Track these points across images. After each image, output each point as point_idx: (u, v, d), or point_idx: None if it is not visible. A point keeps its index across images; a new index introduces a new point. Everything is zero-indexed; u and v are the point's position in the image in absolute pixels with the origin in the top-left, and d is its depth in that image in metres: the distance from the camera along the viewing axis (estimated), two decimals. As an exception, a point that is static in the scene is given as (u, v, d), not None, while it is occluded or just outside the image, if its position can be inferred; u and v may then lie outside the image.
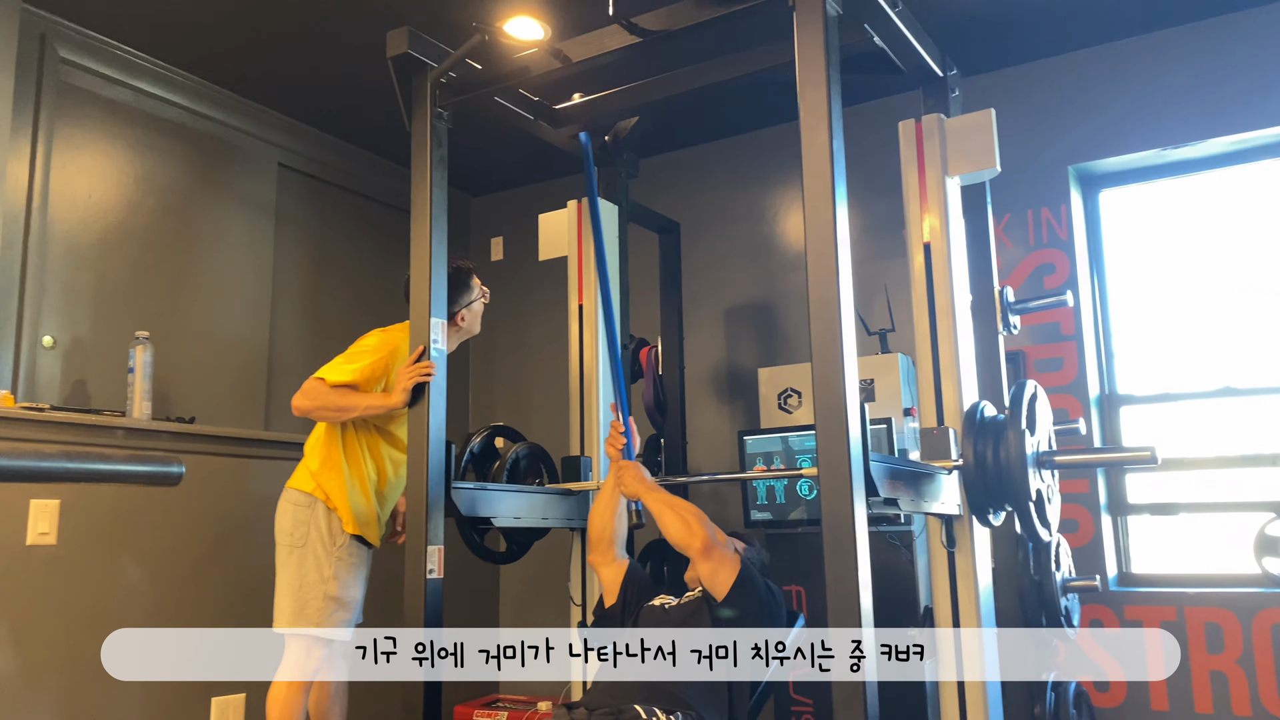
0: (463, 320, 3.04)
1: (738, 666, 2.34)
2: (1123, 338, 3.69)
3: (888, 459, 2.14)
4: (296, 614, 2.77)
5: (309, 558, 2.80)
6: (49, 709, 2.88)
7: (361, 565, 2.89)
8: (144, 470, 1.57)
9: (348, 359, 2.85)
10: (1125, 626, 3.32)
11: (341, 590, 2.81)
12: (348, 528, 2.82)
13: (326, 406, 2.80)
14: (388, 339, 2.91)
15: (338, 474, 2.84)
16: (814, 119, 2.05)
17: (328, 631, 2.78)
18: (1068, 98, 3.64)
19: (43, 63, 3.17)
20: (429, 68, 2.66)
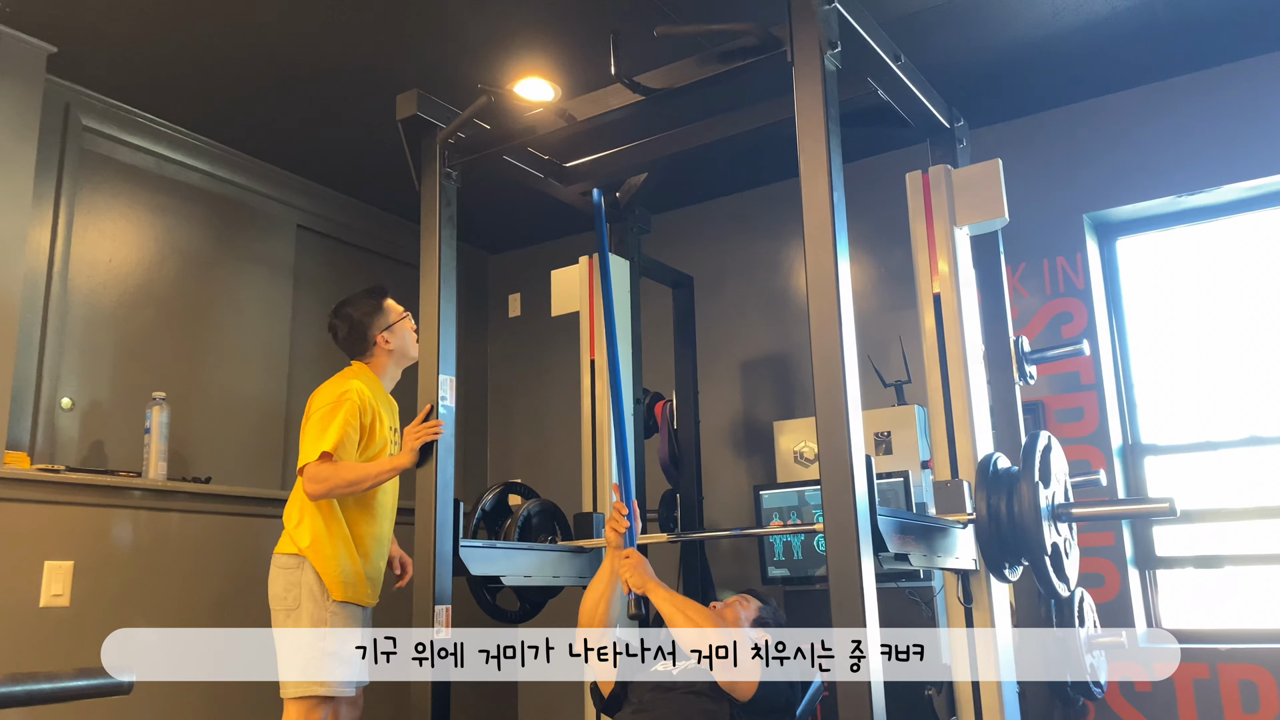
0: (387, 344, 2.98)
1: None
2: (1145, 387, 3.63)
3: (898, 513, 2.10)
4: (299, 677, 2.71)
5: (303, 619, 2.73)
6: (59, 773, 2.86)
7: (355, 622, 2.80)
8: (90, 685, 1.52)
9: (322, 426, 2.74)
10: (1156, 684, 3.22)
11: (339, 644, 2.74)
12: (335, 595, 2.74)
13: (339, 485, 2.71)
14: (339, 387, 2.83)
15: (318, 534, 2.76)
16: (814, 171, 2.05)
17: (330, 688, 2.72)
18: (1081, 146, 3.63)
19: (66, 131, 3.25)
20: (438, 129, 2.70)
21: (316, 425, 2.76)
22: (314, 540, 2.75)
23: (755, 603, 2.72)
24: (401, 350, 3.01)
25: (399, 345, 3.00)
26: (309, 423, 2.79)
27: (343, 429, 2.74)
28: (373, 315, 2.98)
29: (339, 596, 2.75)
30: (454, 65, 3.23)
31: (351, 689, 2.80)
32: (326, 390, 2.86)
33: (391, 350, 3.00)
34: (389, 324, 2.99)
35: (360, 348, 2.99)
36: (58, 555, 2.92)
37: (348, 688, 2.77)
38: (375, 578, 2.89)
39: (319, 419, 2.77)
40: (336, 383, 2.87)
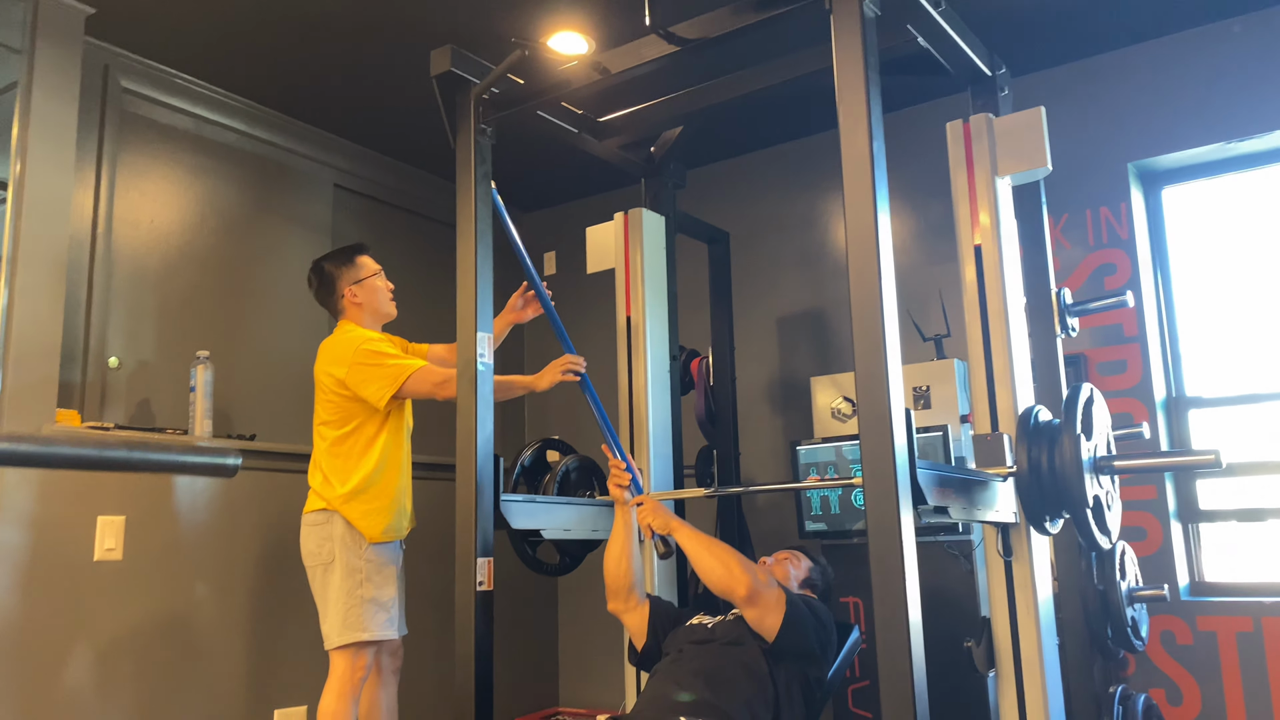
0: (355, 298, 3.00)
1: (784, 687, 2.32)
2: (1190, 339, 3.57)
3: (937, 465, 2.10)
4: (343, 628, 2.79)
5: (338, 570, 2.81)
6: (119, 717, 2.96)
7: (390, 565, 2.89)
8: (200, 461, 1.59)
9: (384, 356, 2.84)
10: (1198, 637, 3.20)
11: (376, 592, 2.83)
12: (371, 537, 2.82)
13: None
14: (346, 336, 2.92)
15: (344, 485, 2.83)
16: (853, 122, 2.03)
17: (371, 634, 2.81)
18: (1125, 94, 3.55)
19: (105, 93, 3.28)
20: (472, 84, 2.69)
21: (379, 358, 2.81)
22: (343, 491, 2.82)
23: (806, 561, 2.75)
24: (371, 306, 3.02)
25: (367, 300, 3.01)
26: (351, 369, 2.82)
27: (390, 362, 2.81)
28: (342, 269, 3.01)
29: (375, 538, 2.83)
30: (488, 20, 3.20)
31: (393, 632, 2.88)
32: (336, 346, 2.89)
33: (360, 304, 3.01)
34: (358, 278, 3.01)
35: (330, 302, 3.04)
36: (109, 510, 2.99)
37: (389, 630, 2.85)
38: (407, 506, 2.98)
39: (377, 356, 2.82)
40: (340, 337, 2.92)
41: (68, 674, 2.86)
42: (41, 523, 2.84)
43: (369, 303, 3.01)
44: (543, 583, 4.56)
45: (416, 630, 3.76)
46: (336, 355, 2.86)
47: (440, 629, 3.89)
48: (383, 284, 3.05)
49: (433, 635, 3.88)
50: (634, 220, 3.33)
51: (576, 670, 4.59)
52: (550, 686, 4.61)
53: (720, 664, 2.35)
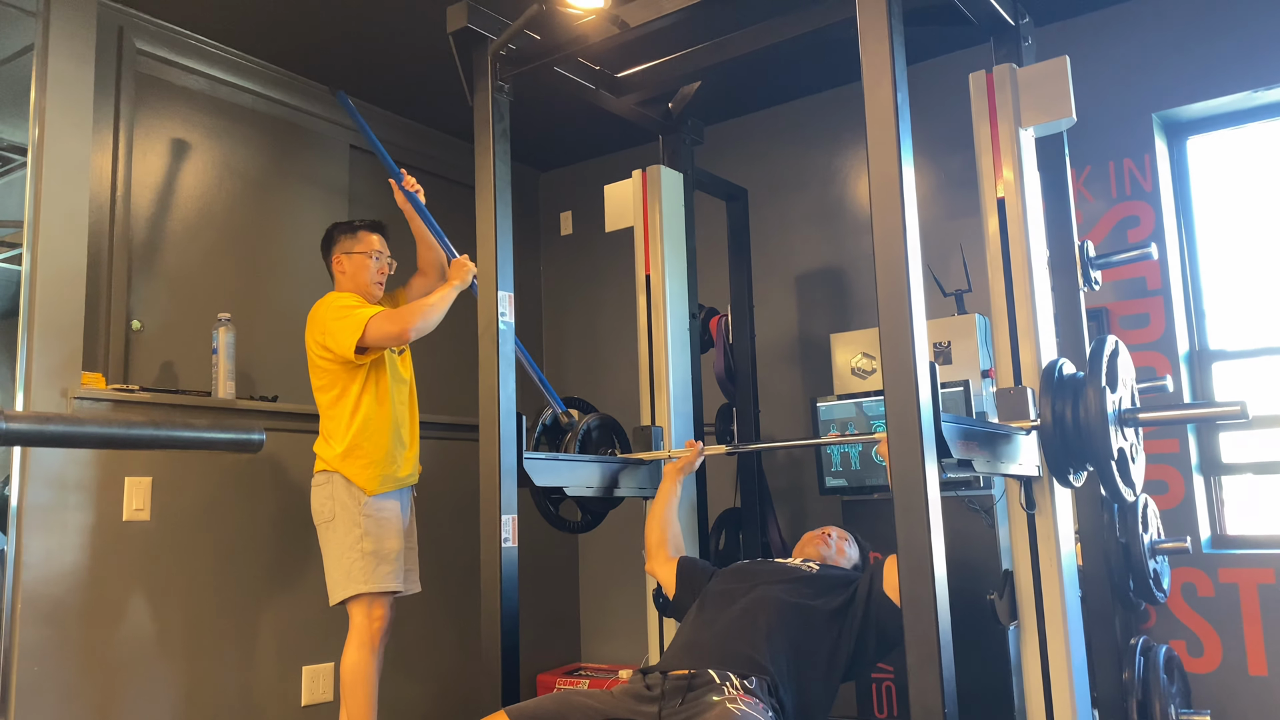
0: (340, 266, 3.10)
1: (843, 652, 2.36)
2: (1214, 291, 3.53)
3: (960, 419, 2.09)
4: (345, 581, 2.90)
5: (339, 527, 2.93)
6: (151, 676, 3.01)
7: (391, 518, 2.98)
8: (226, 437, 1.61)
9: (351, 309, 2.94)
10: (1219, 589, 3.21)
11: (375, 545, 2.92)
12: (371, 490, 2.93)
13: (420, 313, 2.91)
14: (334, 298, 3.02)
15: (339, 448, 2.95)
16: (877, 73, 2.00)
17: (379, 586, 2.90)
18: (1149, 42, 3.49)
19: (121, 55, 3.27)
20: (489, 41, 2.67)
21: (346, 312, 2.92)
22: (339, 449, 2.94)
23: (857, 547, 2.88)
24: (354, 278, 3.10)
25: (351, 272, 3.10)
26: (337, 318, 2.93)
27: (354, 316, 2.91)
28: (343, 236, 3.14)
29: (374, 490, 2.94)
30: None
31: (396, 584, 2.95)
32: (316, 313, 3.03)
33: (345, 274, 3.11)
34: (350, 250, 3.10)
35: (326, 264, 3.17)
36: (137, 472, 3.02)
37: (392, 582, 2.93)
38: (407, 455, 3.07)
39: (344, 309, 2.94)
40: (320, 303, 3.04)
41: (100, 634, 2.91)
42: (71, 484, 2.88)
43: (352, 274, 3.10)
44: (563, 541, 4.60)
45: (440, 589, 3.81)
46: (315, 321, 3.00)
47: (462, 589, 3.94)
48: (374, 264, 3.12)
49: (456, 591, 3.93)
50: (652, 178, 3.31)
51: (598, 626, 4.64)
52: (572, 642, 4.66)
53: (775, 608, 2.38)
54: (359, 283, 3.11)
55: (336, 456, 2.95)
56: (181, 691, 3.09)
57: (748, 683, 2.13)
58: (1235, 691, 3.14)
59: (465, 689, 3.97)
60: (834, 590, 2.46)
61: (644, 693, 2.18)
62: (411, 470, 3.11)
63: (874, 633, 2.35)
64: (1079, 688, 2.33)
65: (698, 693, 2.12)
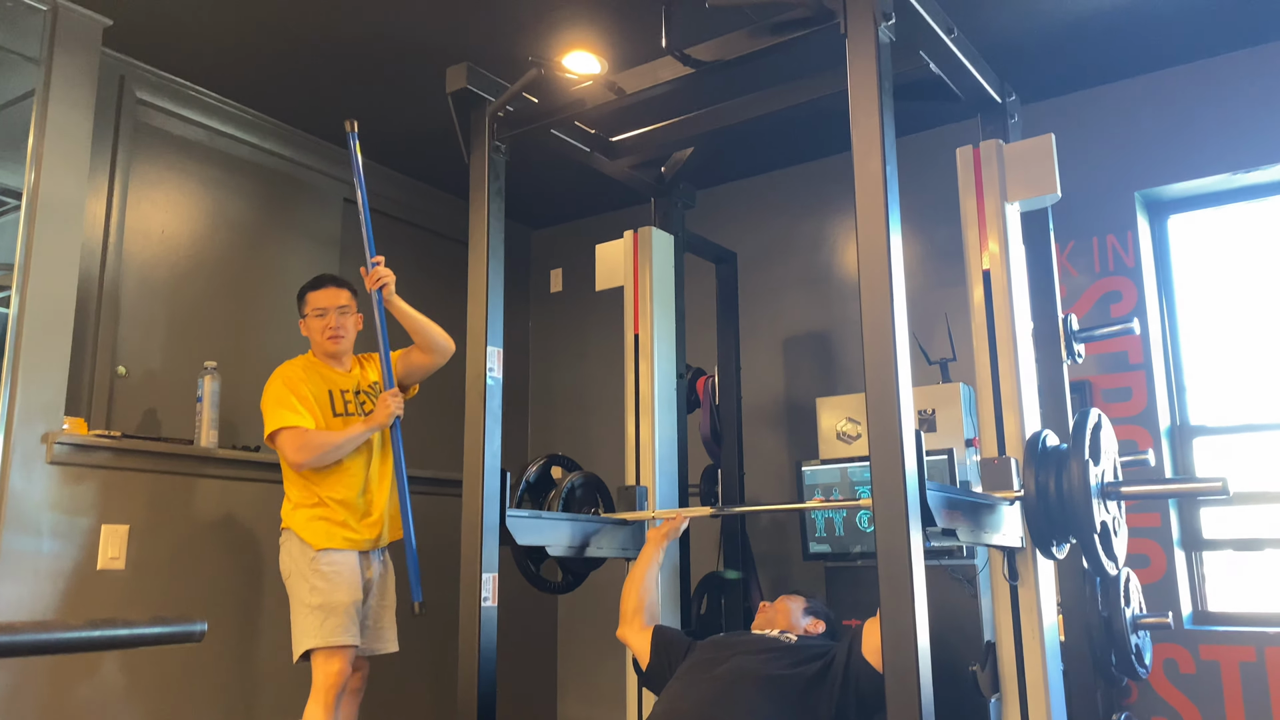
0: (304, 331, 3.16)
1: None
2: (1195, 367, 3.58)
3: (946, 488, 2.10)
4: (300, 637, 2.86)
5: (294, 584, 2.92)
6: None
7: (343, 571, 2.92)
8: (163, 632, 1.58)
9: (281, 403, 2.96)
10: (1201, 666, 3.19)
11: (323, 599, 2.87)
12: (316, 544, 2.90)
13: (318, 449, 2.92)
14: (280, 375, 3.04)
15: (293, 506, 2.97)
16: (867, 146, 2.04)
17: (327, 639, 2.84)
18: (1133, 123, 3.58)
19: (120, 104, 3.30)
20: (487, 102, 2.71)
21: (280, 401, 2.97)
22: (293, 507, 2.96)
23: (801, 599, 2.82)
24: (313, 341, 3.14)
25: (310, 336, 3.15)
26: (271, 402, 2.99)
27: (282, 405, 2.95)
28: (299, 303, 3.17)
29: (320, 544, 2.91)
30: (503, 39, 3.23)
31: (349, 639, 2.87)
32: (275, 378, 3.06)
33: (307, 333, 3.16)
34: (302, 313, 3.16)
35: None
36: (114, 519, 2.99)
37: (342, 636, 2.86)
38: (369, 515, 3.02)
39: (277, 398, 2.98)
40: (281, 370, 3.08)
41: (70, 683, 2.85)
42: (47, 530, 2.84)
43: (311, 338, 3.15)
44: (542, 601, 4.55)
45: (417, 647, 3.75)
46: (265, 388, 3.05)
47: (439, 647, 3.88)
48: (320, 322, 3.11)
49: (432, 651, 3.87)
50: (643, 239, 3.34)
51: (575, 689, 4.57)
52: (549, 705, 4.59)
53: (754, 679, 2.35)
54: (316, 345, 3.14)
55: (288, 512, 2.97)
56: (148, 747, 3.02)
57: (729, 754, 2.11)
58: (1217, 771, 3.11)
59: (438, 751, 3.89)
60: (812, 659, 2.43)
61: (623, 760, 2.15)
62: (376, 535, 3.03)
63: (853, 698, 2.33)
64: (1061, 763, 2.30)
65: (677, 761, 2.09)
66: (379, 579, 3.07)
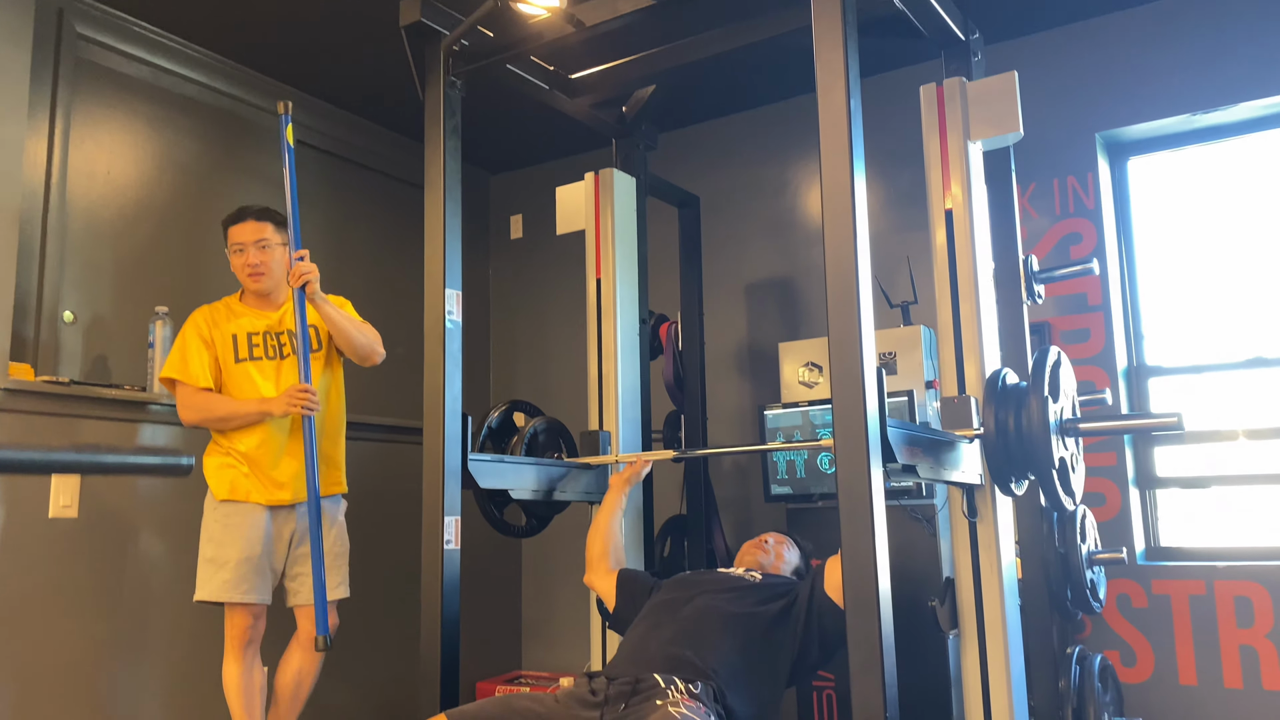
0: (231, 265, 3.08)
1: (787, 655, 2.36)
2: (1151, 308, 3.62)
3: (906, 424, 2.10)
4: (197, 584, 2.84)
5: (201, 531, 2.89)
6: (69, 677, 2.91)
7: (240, 525, 2.85)
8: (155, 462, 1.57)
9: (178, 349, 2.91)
10: (1153, 600, 3.27)
11: (214, 551, 2.83)
12: (218, 494, 2.87)
13: (211, 417, 2.88)
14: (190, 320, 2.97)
15: (208, 453, 2.94)
16: (831, 80, 2.01)
17: (207, 595, 2.81)
18: (1095, 63, 3.57)
19: (60, 39, 3.17)
20: (442, 36, 2.64)
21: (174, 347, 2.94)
22: (207, 453, 2.93)
23: (797, 549, 2.91)
24: (236, 273, 3.05)
25: (231, 264, 3.05)
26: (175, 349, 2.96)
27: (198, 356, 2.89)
28: (224, 230, 3.07)
29: (221, 495, 2.87)
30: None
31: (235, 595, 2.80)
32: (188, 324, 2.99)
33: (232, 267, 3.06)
34: (227, 245, 3.05)
35: None
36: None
37: (229, 592, 2.79)
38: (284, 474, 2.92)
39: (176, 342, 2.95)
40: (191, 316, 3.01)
41: (23, 631, 2.80)
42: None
43: (233, 268, 3.04)
44: (506, 546, 4.55)
45: (378, 594, 3.75)
46: None
47: (401, 595, 3.87)
48: (238, 260, 3.01)
49: (394, 600, 3.86)
50: (604, 181, 3.29)
51: (539, 633, 4.60)
52: (513, 650, 4.61)
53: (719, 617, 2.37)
54: (240, 278, 3.04)
55: (205, 458, 2.94)
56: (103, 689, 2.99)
57: (693, 687, 2.12)
58: (1166, 700, 3.20)
59: (403, 695, 3.90)
60: (776, 597, 2.46)
61: (588, 698, 2.15)
62: (290, 495, 2.91)
63: (816, 634, 2.36)
64: (1017, 695, 2.35)
65: (641, 697, 2.10)
66: (301, 532, 2.94)
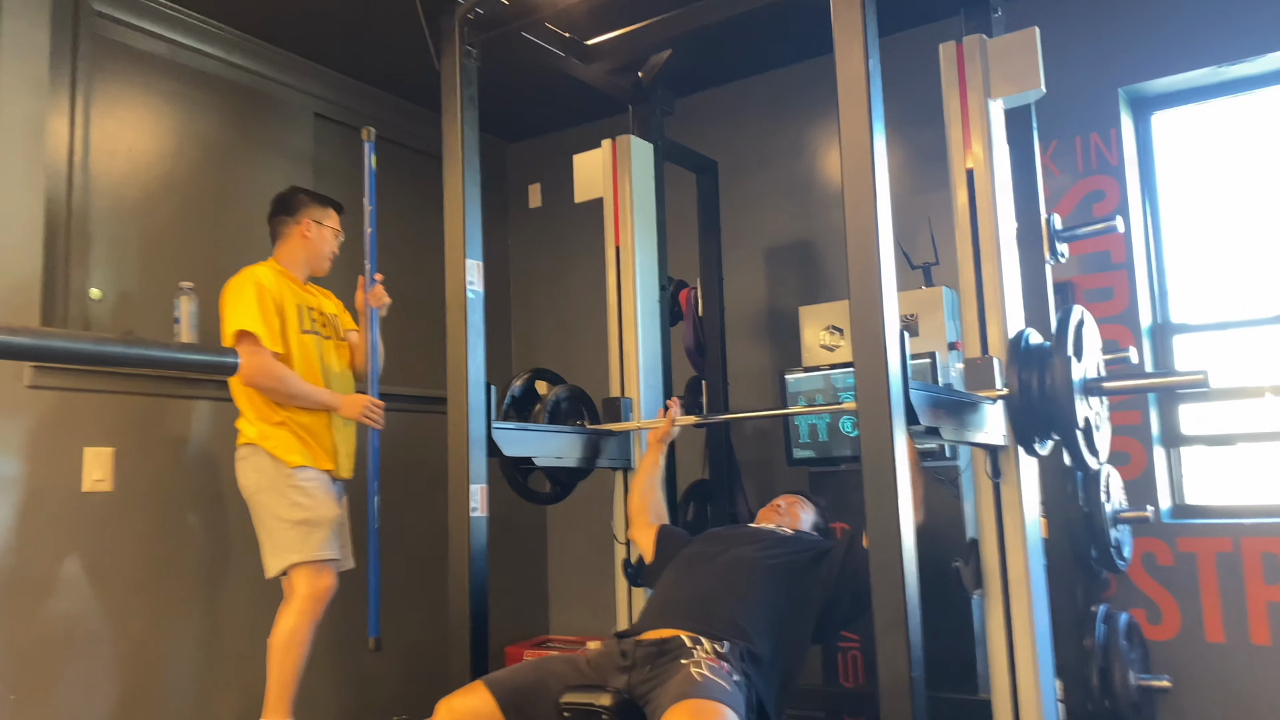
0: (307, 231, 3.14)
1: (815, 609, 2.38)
2: (1176, 265, 3.58)
3: (929, 386, 2.11)
4: (281, 552, 2.87)
5: (266, 499, 2.89)
6: (107, 651, 2.97)
7: (320, 487, 2.95)
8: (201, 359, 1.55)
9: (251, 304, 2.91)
10: (1179, 558, 3.26)
11: (306, 513, 2.89)
12: (291, 461, 2.90)
13: (282, 392, 2.91)
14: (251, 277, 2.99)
15: (257, 419, 2.93)
16: (849, 40, 2.00)
17: (316, 554, 2.87)
18: (1117, 16, 3.51)
19: (77, 16, 3.18)
20: (456, 4, 2.63)
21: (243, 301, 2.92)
22: (256, 420, 2.93)
23: (812, 506, 2.94)
24: (315, 248, 3.15)
25: (315, 238, 3.14)
26: (225, 299, 2.97)
27: (259, 311, 2.90)
28: (314, 205, 3.16)
29: (296, 462, 2.91)
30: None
31: (333, 551, 2.92)
32: (245, 276, 3.01)
33: (308, 239, 3.13)
34: (321, 220, 3.14)
35: (279, 223, 3.16)
36: (97, 441, 2.97)
37: (328, 550, 2.89)
38: (333, 448, 3.04)
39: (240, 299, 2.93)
40: (249, 271, 3.03)
41: (59, 606, 2.86)
42: (29, 454, 2.82)
43: (316, 242, 3.13)
44: (532, 513, 4.59)
45: (407, 563, 3.80)
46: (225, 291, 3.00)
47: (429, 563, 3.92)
48: (331, 241, 3.18)
49: (422, 569, 3.91)
50: (622, 147, 3.29)
51: (566, 598, 4.65)
52: (540, 615, 4.67)
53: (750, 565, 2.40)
54: (319, 253, 3.12)
55: (249, 426, 2.93)
56: (139, 662, 3.05)
57: (719, 646, 2.14)
58: (1193, 658, 3.20)
59: (434, 662, 3.96)
60: (807, 549, 2.50)
61: (618, 660, 2.18)
62: (334, 467, 3.05)
63: (850, 586, 2.38)
64: (1042, 654, 2.36)
65: (668, 658, 2.13)
66: (340, 500, 3.10)
